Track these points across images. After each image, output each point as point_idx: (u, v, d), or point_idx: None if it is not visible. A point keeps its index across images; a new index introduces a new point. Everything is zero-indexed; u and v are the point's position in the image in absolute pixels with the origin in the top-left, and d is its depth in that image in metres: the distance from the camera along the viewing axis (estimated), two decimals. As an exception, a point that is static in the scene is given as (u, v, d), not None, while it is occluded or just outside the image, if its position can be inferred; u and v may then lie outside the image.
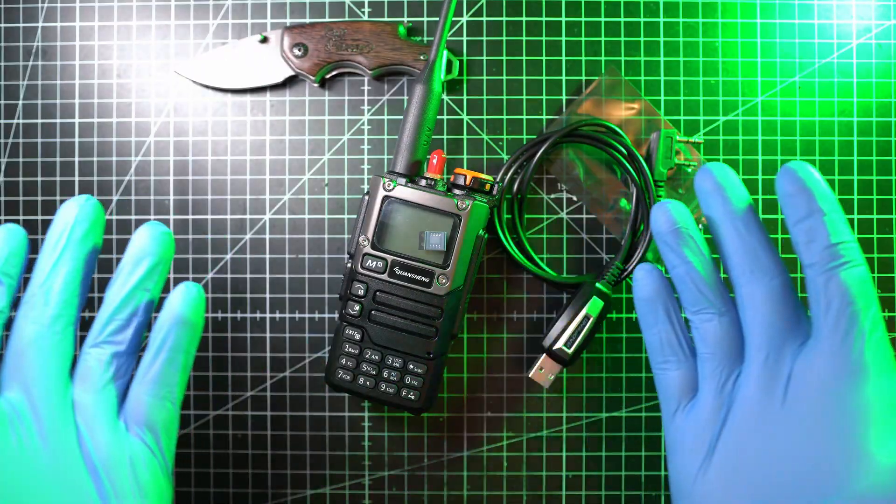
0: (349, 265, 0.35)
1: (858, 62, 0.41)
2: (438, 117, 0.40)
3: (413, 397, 0.36)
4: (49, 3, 0.41)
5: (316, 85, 0.40)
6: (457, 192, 0.35)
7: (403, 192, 0.34)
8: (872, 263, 0.40)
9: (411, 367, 0.35)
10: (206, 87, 0.40)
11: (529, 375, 0.39)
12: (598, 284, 0.38)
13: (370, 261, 0.35)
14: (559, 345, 0.37)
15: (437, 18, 0.40)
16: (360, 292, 0.35)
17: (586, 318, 0.37)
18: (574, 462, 0.41)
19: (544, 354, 0.38)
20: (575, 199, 0.41)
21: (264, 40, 0.39)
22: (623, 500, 0.40)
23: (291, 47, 0.39)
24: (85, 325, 0.40)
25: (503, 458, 0.41)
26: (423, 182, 0.34)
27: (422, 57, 0.39)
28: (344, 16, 0.41)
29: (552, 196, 0.41)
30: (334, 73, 0.40)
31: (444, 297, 0.34)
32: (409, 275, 0.34)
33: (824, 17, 0.41)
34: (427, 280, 0.34)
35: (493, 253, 0.41)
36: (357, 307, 0.35)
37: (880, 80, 0.41)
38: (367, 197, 0.35)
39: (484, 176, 0.35)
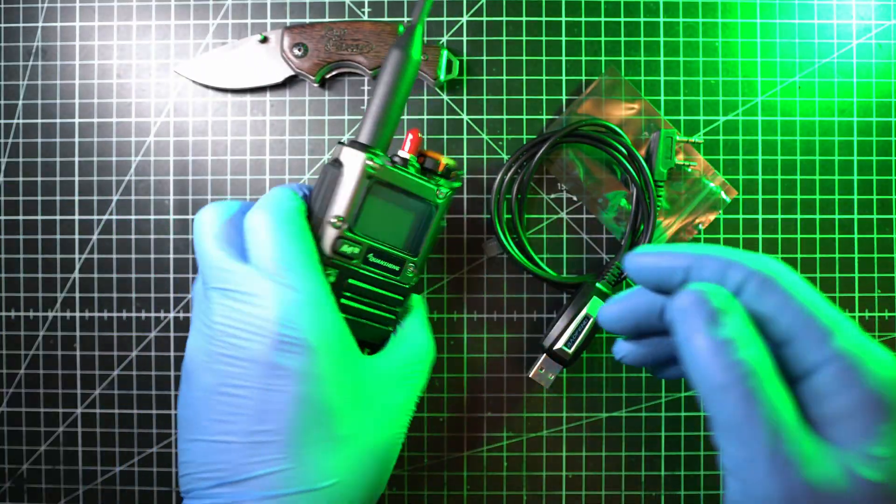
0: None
1: (858, 62, 0.41)
2: (439, 117, 0.40)
3: None
4: (49, 3, 0.41)
5: (316, 85, 0.40)
6: (439, 180, 0.33)
7: (389, 174, 0.31)
8: (872, 263, 0.40)
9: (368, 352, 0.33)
10: (206, 87, 0.40)
11: (529, 375, 0.39)
12: (598, 284, 0.38)
13: (346, 246, 0.31)
14: (559, 345, 0.37)
15: (437, 18, 0.40)
16: (331, 280, 0.31)
17: (586, 318, 0.37)
18: (574, 462, 0.40)
19: (544, 354, 0.38)
20: (575, 199, 0.41)
21: (264, 40, 0.39)
22: (623, 500, 0.40)
23: (291, 47, 0.39)
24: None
25: (503, 458, 0.41)
26: (398, 160, 0.32)
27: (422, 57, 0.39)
28: (344, 16, 0.41)
29: (552, 196, 0.41)
30: (334, 73, 0.40)
31: (409, 289, 0.33)
32: (382, 262, 0.32)
33: (824, 17, 0.41)
34: (398, 269, 0.33)
35: (493, 253, 0.40)
36: None
37: (880, 80, 0.41)
38: (333, 168, 0.31)
39: (449, 160, 0.33)
